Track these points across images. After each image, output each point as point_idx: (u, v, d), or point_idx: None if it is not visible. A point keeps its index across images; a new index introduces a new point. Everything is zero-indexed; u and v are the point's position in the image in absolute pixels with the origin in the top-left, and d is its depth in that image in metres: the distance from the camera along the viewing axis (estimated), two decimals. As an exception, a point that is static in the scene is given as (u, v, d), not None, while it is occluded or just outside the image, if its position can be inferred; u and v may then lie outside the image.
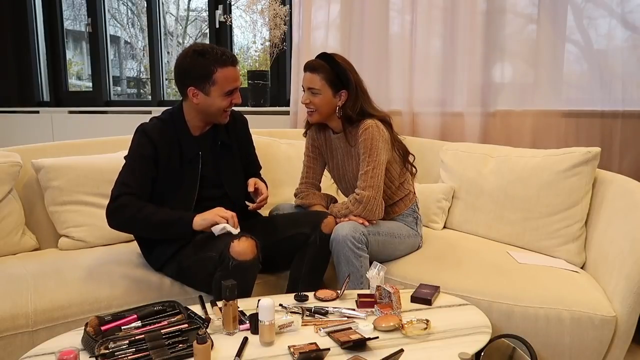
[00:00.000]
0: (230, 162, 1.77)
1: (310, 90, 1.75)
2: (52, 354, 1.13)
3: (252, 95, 2.85)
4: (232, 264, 1.43)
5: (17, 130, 3.44)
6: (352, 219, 1.69)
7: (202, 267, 1.53)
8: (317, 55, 1.78)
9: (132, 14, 4.02)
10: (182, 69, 1.61)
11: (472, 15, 2.40)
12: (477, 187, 2.08)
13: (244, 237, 1.46)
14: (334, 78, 1.73)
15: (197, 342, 1.07)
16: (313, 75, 1.74)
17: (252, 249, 1.46)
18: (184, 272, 1.61)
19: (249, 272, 1.48)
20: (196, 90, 1.61)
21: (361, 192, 1.70)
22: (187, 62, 1.59)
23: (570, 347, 1.43)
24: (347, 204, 1.74)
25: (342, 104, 1.75)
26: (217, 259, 1.47)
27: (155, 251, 1.69)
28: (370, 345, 1.20)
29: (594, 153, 1.77)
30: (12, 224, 1.88)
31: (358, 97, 1.75)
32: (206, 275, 1.52)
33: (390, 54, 2.59)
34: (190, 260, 1.57)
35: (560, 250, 1.79)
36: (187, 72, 1.60)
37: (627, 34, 2.18)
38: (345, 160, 1.85)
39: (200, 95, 1.61)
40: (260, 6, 2.84)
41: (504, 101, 2.45)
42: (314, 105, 1.75)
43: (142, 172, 1.60)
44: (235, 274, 1.41)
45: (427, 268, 1.70)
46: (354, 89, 1.74)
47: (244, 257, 1.44)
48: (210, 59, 1.57)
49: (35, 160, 1.97)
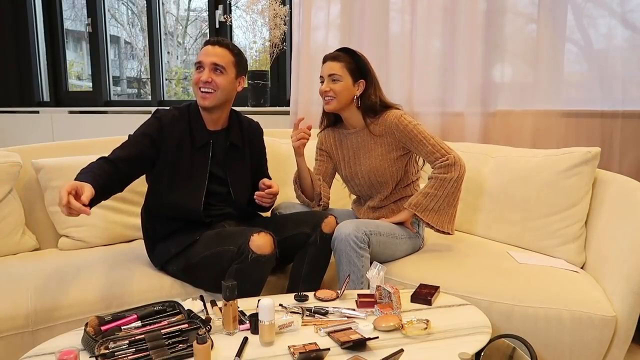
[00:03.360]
0: (239, 163, 1.79)
1: (330, 77, 1.79)
2: (52, 354, 1.13)
3: (252, 95, 2.85)
4: (251, 257, 1.48)
5: (17, 130, 3.44)
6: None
7: (215, 262, 1.55)
8: (336, 50, 1.85)
9: (132, 14, 4.02)
10: None
11: (472, 15, 2.40)
12: (477, 187, 2.08)
13: (263, 232, 1.51)
14: (354, 67, 1.79)
15: (197, 342, 1.07)
16: (334, 63, 1.79)
17: (271, 243, 1.52)
18: (191, 269, 1.62)
19: (266, 266, 1.53)
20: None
21: (447, 157, 1.72)
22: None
23: (570, 347, 1.43)
24: (435, 181, 1.73)
25: (360, 93, 1.80)
26: (235, 251, 1.50)
27: (159, 248, 1.70)
28: (370, 345, 1.20)
29: (594, 153, 1.77)
30: (12, 224, 1.88)
31: (376, 88, 1.82)
32: (218, 271, 1.54)
33: (390, 54, 2.59)
34: (201, 256, 1.59)
35: (560, 250, 1.79)
36: None
37: (627, 34, 2.18)
38: (360, 155, 1.86)
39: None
40: (260, 6, 2.84)
41: (504, 101, 2.45)
42: (333, 92, 1.78)
43: (131, 146, 1.63)
44: (253, 266, 1.47)
45: (427, 268, 1.70)
46: (372, 79, 1.81)
47: (263, 250, 1.49)
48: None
49: (35, 160, 1.97)
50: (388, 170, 1.82)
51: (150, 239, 1.75)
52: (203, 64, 1.66)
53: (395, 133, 1.78)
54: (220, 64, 1.66)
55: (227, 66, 1.68)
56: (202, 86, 1.66)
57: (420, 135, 1.75)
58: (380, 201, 1.87)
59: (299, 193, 1.92)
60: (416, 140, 1.76)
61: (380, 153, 1.82)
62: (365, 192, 1.91)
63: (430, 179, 1.75)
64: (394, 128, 1.77)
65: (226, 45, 1.69)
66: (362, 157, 1.86)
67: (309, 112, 2.73)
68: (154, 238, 1.74)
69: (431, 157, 1.75)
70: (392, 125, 1.77)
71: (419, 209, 1.74)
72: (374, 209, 1.90)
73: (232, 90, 1.72)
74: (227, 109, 1.76)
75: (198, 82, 1.67)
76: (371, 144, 1.84)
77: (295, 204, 1.96)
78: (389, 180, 1.83)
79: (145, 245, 1.77)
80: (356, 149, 1.88)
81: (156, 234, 1.73)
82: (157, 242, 1.73)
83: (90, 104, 3.53)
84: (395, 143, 1.80)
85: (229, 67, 1.68)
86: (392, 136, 1.79)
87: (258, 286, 1.55)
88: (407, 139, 1.77)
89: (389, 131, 1.79)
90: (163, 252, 1.68)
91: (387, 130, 1.79)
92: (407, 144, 1.78)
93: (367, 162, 1.84)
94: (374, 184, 1.85)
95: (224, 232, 1.62)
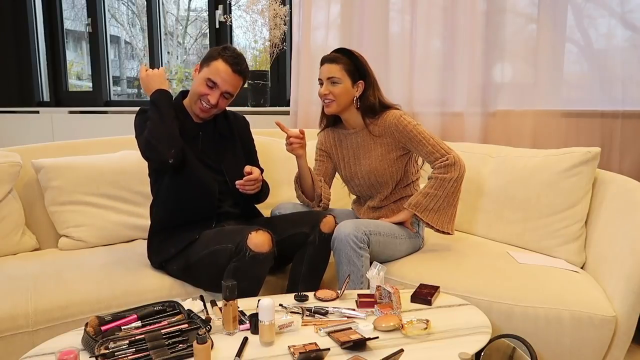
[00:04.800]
0: (230, 152, 1.80)
1: (330, 80, 1.78)
2: (52, 354, 1.13)
3: (252, 95, 2.85)
4: (248, 255, 1.47)
5: (17, 130, 3.44)
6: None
7: (213, 260, 1.55)
8: (333, 50, 1.84)
9: (132, 14, 4.01)
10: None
11: (472, 15, 2.40)
12: (477, 187, 2.08)
13: (261, 230, 1.51)
14: (353, 69, 1.79)
15: (197, 342, 1.07)
16: (332, 66, 1.78)
17: (269, 241, 1.51)
18: (190, 268, 1.62)
19: (264, 264, 1.52)
20: (199, 67, 1.73)
21: (447, 157, 1.72)
22: (211, 49, 1.74)
23: (570, 347, 1.43)
24: (435, 181, 1.73)
25: (359, 94, 1.80)
26: (232, 249, 1.50)
27: (160, 247, 1.70)
28: (370, 345, 1.20)
29: (594, 153, 1.77)
30: (12, 224, 1.88)
31: (375, 88, 1.81)
32: (217, 270, 1.54)
33: (390, 54, 2.59)
34: (200, 255, 1.59)
35: (560, 250, 1.79)
36: (206, 55, 1.74)
37: (627, 34, 2.18)
38: (359, 155, 1.86)
39: (197, 71, 1.73)
40: (260, 6, 2.84)
41: (504, 101, 2.45)
42: (333, 95, 1.78)
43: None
44: (250, 265, 1.47)
45: (427, 268, 1.70)
46: (370, 79, 1.80)
47: (261, 249, 1.48)
48: (222, 51, 1.69)
49: (35, 160, 1.97)
50: (388, 171, 1.82)
51: (155, 235, 1.73)
52: (217, 87, 1.68)
53: (395, 133, 1.78)
54: (233, 93, 1.73)
55: (236, 92, 1.74)
56: (205, 102, 1.69)
57: (420, 135, 1.75)
58: (380, 201, 1.87)
59: (299, 193, 1.92)
60: (416, 141, 1.75)
61: (380, 153, 1.82)
62: (365, 192, 1.91)
63: (430, 179, 1.75)
64: (394, 128, 1.77)
65: (244, 76, 1.74)
66: (361, 157, 1.86)
67: (308, 112, 2.73)
68: (160, 233, 1.72)
69: (431, 157, 1.75)
70: (391, 125, 1.77)
71: (419, 209, 1.74)
72: (374, 209, 1.90)
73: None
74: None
75: (204, 97, 1.69)
76: (371, 145, 1.84)
77: (296, 204, 1.96)
78: (388, 180, 1.83)
79: (147, 244, 1.76)
80: (356, 149, 1.88)
81: (163, 228, 1.72)
82: (160, 238, 1.71)
83: (90, 104, 3.53)
84: (395, 143, 1.80)
85: (236, 92, 1.74)
86: (391, 136, 1.79)
87: (256, 285, 1.55)
88: (406, 139, 1.77)
89: (388, 131, 1.79)
90: (163, 251, 1.68)
91: (387, 131, 1.79)
92: (406, 144, 1.78)
93: (366, 163, 1.84)
94: (374, 184, 1.85)
95: (222, 230, 1.62)
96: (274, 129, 2.54)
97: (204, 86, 1.68)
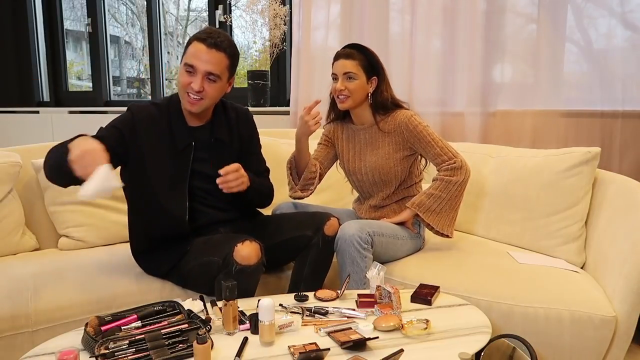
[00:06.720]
0: (226, 158, 1.67)
1: (346, 75, 1.77)
2: (52, 354, 1.13)
3: (252, 95, 2.85)
4: (235, 269, 1.42)
5: (17, 130, 3.44)
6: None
7: (203, 271, 1.52)
8: (347, 45, 1.83)
9: (132, 14, 4.02)
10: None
11: (472, 15, 2.40)
12: (477, 187, 2.08)
13: (248, 241, 1.45)
14: (367, 64, 1.79)
15: (197, 342, 1.07)
16: (348, 61, 1.77)
17: (257, 252, 1.45)
18: (185, 278, 1.60)
19: (252, 276, 1.47)
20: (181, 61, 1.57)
21: (454, 160, 1.74)
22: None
23: (570, 347, 1.43)
24: (440, 182, 1.73)
25: (372, 90, 1.81)
26: (220, 263, 1.45)
27: (149, 266, 1.66)
28: (370, 345, 1.20)
29: (594, 153, 1.77)
30: (12, 224, 1.88)
31: (387, 85, 1.83)
32: (209, 278, 1.50)
33: (390, 54, 2.59)
34: (191, 264, 1.56)
35: (560, 250, 1.79)
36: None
37: (627, 34, 2.18)
38: (366, 151, 1.86)
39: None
40: (260, 6, 2.84)
41: (504, 101, 2.45)
42: (348, 90, 1.78)
43: (101, 138, 1.48)
44: (238, 278, 1.39)
45: (427, 268, 1.70)
46: (383, 76, 1.82)
47: (248, 261, 1.42)
48: (196, 34, 1.55)
49: (35, 160, 1.97)
50: (393, 170, 1.82)
51: (140, 255, 1.68)
52: (195, 70, 1.51)
53: (405, 133, 1.78)
54: (216, 73, 1.51)
55: (222, 73, 1.54)
56: (190, 91, 1.52)
57: (429, 136, 1.76)
58: (381, 200, 1.87)
59: (289, 174, 1.91)
60: (425, 142, 1.76)
61: (387, 152, 1.82)
62: (366, 188, 1.91)
63: (435, 180, 1.75)
64: (404, 128, 1.77)
65: (223, 49, 1.52)
66: (368, 153, 1.86)
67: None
68: (145, 253, 1.66)
69: (438, 160, 1.76)
70: (402, 124, 1.78)
71: (422, 209, 1.74)
72: (376, 208, 1.90)
73: (221, 94, 1.61)
74: (213, 107, 1.66)
75: (187, 86, 1.52)
76: (379, 142, 1.84)
77: (296, 204, 1.96)
78: (392, 179, 1.83)
79: (136, 261, 1.70)
80: (363, 144, 1.88)
81: (144, 250, 1.65)
82: (146, 258, 1.66)
83: (90, 104, 3.53)
84: (403, 143, 1.80)
85: (223, 73, 1.55)
86: (400, 135, 1.79)
87: (247, 295, 1.50)
88: (415, 140, 1.77)
89: (398, 130, 1.79)
90: (155, 269, 1.64)
91: (396, 129, 1.79)
92: (414, 145, 1.79)
93: (372, 159, 1.84)
94: (377, 182, 1.85)
95: (211, 240, 1.55)
96: (274, 129, 2.55)
97: (184, 75, 1.53)
